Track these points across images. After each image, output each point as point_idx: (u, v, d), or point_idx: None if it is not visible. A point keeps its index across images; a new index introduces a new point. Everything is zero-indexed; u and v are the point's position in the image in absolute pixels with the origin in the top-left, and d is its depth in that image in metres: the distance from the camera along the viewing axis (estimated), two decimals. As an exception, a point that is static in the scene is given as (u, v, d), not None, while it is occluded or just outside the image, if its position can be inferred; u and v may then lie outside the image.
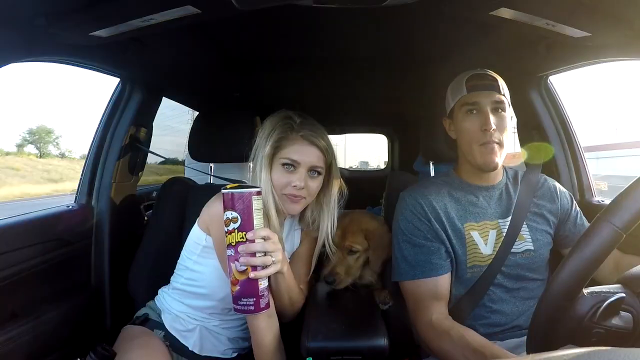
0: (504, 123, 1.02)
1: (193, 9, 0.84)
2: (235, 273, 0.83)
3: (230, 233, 0.83)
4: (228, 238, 0.83)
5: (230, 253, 0.84)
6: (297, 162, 1.01)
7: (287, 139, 1.01)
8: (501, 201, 1.09)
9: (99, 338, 1.24)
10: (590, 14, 0.85)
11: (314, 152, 1.03)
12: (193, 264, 1.06)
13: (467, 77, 1.05)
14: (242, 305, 0.84)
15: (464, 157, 1.08)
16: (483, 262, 1.02)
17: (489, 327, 1.02)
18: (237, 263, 0.83)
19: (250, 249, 0.82)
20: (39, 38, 0.88)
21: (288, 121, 1.04)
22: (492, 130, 0.99)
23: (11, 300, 1.03)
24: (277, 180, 1.01)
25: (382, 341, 0.91)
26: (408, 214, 1.07)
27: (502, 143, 1.01)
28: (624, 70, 7.50)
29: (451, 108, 1.08)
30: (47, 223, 1.17)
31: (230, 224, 0.82)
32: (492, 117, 1.00)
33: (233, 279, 0.84)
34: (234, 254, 0.83)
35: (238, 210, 0.82)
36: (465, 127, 1.03)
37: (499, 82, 1.04)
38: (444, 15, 0.95)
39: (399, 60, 1.59)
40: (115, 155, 1.37)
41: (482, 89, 1.02)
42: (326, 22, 1.18)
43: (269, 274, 0.86)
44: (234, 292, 0.85)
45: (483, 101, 1.01)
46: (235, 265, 0.83)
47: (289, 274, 1.00)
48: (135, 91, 1.39)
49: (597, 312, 0.50)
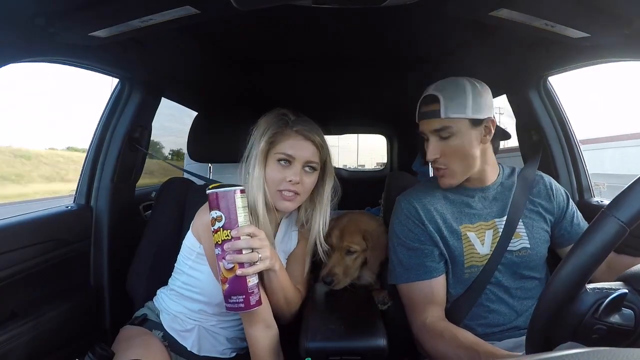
0: (451, 149, 1.02)
1: (192, 10, 0.84)
2: (223, 271, 0.85)
3: (216, 232, 0.84)
4: (214, 237, 0.85)
5: (217, 252, 0.85)
6: (292, 156, 1.01)
7: (282, 134, 1.02)
8: (497, 200, 1.09)
9: (98, 338, 1.23)
10: (589, 15, 0.85)
11: (309, 147, 1.03)
12: (189, 269, 1.06)
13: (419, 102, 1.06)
14: (233, 303, 0.85)
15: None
16: (480, 262, 1.02)
17: (487, 327, 1.03)
18: (224, 261, 0.84)
19: (235, 246, 0.83)
20: (39, 38, 0.88)
21: (283, 117, 1.04)
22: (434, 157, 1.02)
23: (11, 300, 1.02)
24: (272, 176, 1.01)
25: (381, 341, 0.91)
26: (403, 217, 1.08)
27: (445, 169, 1.03)
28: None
29: None
30: (46, 223, 1.17)
31: (216, 223, 0.84)
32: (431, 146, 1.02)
33: (222, 277, 0.85)
34: (220, 252, 0.84)
35: (222, 209, 0.84)
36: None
37: (439, 106, 0.99)
38: (443, 15, 0.95)
39: (399, 60, 1.59)
40: (115, 155, 1.37)
41: (422, 118, 1.05)
42: (325, 22, 1.18)
43: (256, 271, 0.86)
44: (224, 291, 0.86)
45: (425, 129, 1.04)
46: (223, 263, 0.84)
47: (282, 272, 1.00)
48: (134, 91, 1.39)
49: (599, 308, 0.50)
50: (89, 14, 0.85)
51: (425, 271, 1.03)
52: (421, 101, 1.05)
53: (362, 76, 1.77)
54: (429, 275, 1.03)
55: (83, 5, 0.83)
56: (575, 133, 1.42)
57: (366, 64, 1.61)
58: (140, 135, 1.43)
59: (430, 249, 1.04)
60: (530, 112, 1.42)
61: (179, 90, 1.82)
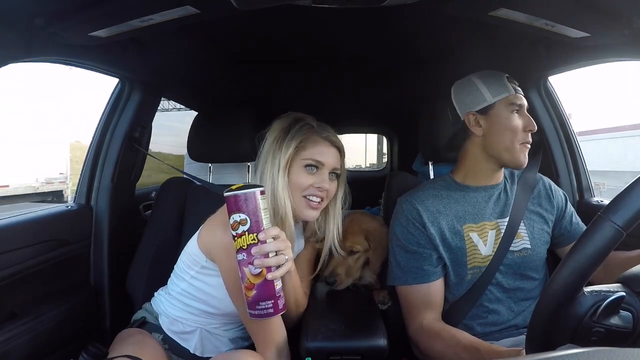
0: None
1: (192, 9, 0.84)
2: (249, 277, 0.80)
3: (240, 236, 0.79)
4: (238, 241, 0.79)
5: (241, 257, 0.80)
6: (321, 163, 1.01)
7: (310, 141, 1.01)
8: (499, 201, 1.09)
9: (98, 338, 1.24)
10: (589, 15, 0.85)
11: (335, 154, 1.03)
12: (190, 278, 1.02)
13: (505, 76, 1.06)
14: (261, 310, 0.80)
15: (493, 154, 1.06)
16: (483, 262, 1.03)
17: (486, 326, 1.03)
18: (251, 267, 0.79)
19: (263, 249, 0.79)
20: (38, 38, 0.87)
21: (304, 123, 1.03)
22: None
23: (10, 300, 1.02)
24: (299, 182, 0.99)
25: (382, 341, 0.91)
26: (403, 219, 1.08)
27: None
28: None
29: (490, 104, 1.04)
30: (46, 223, 1.17)
31: (239, 227, 0.79)
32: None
33: (248, 284, 0.80)
34: (246, 257, 0.79)
35: (246, 212, 0.78)
36: (514, 125, 1.03)
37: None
38: (443, 15, 0.95)
39: (399, 60, 1.59)
40: (115, 155, 1.37)
41: (521, 92, 1.06)
42: (325, 22, 1.18)
43: (284, 273, 0.83)
44: (250, 298, 0.80)
45: (524, 104, 1.05)
46: (249, 269, 0.79)
47: (295, 274, 0.99)
48: (134, 91, 1.39)
49: (597, 311, 0.49)
50: (88, 14, 0.85)
51: (422, 275, 1.03)
52: (509, 78, 1.07)
53: (362, 76, 1.77)
54: (426, 279, 1.03)
55: (83, 5, 0.82)
56: (575, 133, 1.42)
57: (366, 63, 1.61)
58: (140, 135, 1.43)
59: (429, 252, 1.04)
60: (530, 112, 1.42)
61: (178, 90, 1.83)
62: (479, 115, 1.06)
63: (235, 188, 0.80)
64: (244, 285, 0.81)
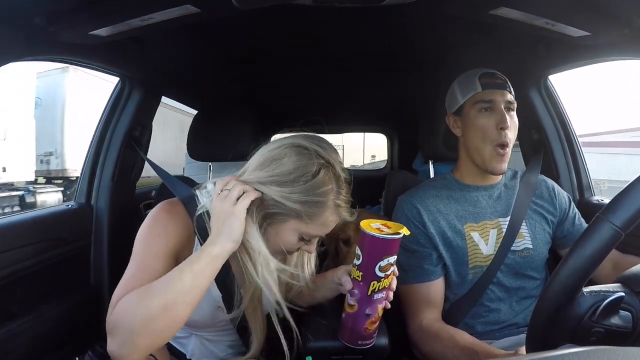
0: (515, 123, 1.03)
1: (192, 8, 0.84)
2: (380, 311, 0.83)
3: (387, 277, 0.78)
4: (384, 282, 0.78)
5: (381, 296, 0.80)
6: (315, 236, 0.86)
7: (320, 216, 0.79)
8: (501, 200, 1.09)
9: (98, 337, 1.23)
10: (589, 13, 0.85)
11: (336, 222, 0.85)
12: None
13: (479, 75, 1.04)
14: (361, 344, 0.85)
15: (470, 156, 1.07)
16: (484, 262, 1.03)
17: (486, 325, 1.03)
18: (385, 302, 0.83)
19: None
20: (39, 37, 0.87)
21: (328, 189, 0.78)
22: (507, 130, 0.99)
23: (10, 299, 1.02)
24: (288, 244, 0.84)
25: (383, 340, 0.91)
26: (404, 218, 1.07)
27: (509, 144, 1.01)
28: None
29: (460, 105, 1.06)
30: (46, 222, 1.17)
31: (390, 268, 0.78)
32: (507, 116, 1.00)
33: (375, 319, 0.83)
34: (386, 295, 0.81)
35: (395, 253, 0.78)
36: (480, 124, 1.01)
37: (508, 83, 1.04)
38: (443, 14, 0.95)
39: (398, 60, 1.58)
40: (115, 154, 1.36)
41: (496, 87, 1.02)
42: (326, 21, 1.18)
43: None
44: (371, 330, 0.84)
45: (498, 99, 1.01)
46: (384, 304, 0.83)
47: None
48: (134, 90, 1.39)
49: (596, 311, 0.49)
50: (89, 13, 0.85)
51: (422, 274, 1.03)
52: (484, 74, 1.04)
53: (363, 75, 1.77)
54: (426, 278, 1.03)
55: (83, 4, 0.82)
56: (575, 132, 1.42)
57: (366, 62, 1.61)
58: (140, 134, 1.43)
59: (429, 251, 1.04)
60: (530, 111, 1.42)
61: (179, 88, 1.82)
62: (455, 116, 1.09)
63: (386, 232, 0.77)
64: (372, 319, 0.83)
